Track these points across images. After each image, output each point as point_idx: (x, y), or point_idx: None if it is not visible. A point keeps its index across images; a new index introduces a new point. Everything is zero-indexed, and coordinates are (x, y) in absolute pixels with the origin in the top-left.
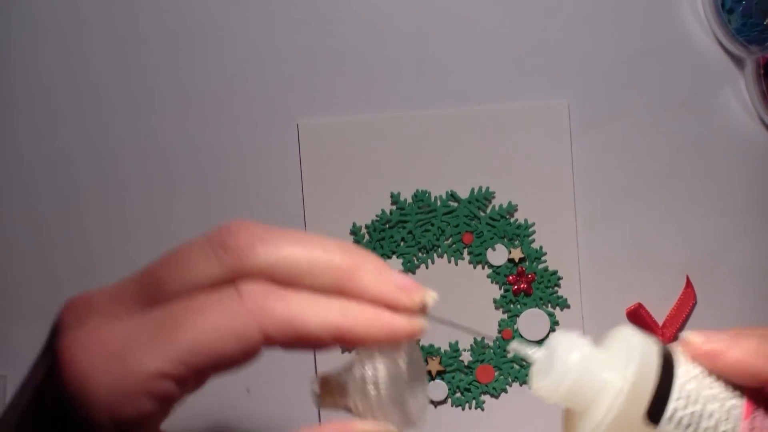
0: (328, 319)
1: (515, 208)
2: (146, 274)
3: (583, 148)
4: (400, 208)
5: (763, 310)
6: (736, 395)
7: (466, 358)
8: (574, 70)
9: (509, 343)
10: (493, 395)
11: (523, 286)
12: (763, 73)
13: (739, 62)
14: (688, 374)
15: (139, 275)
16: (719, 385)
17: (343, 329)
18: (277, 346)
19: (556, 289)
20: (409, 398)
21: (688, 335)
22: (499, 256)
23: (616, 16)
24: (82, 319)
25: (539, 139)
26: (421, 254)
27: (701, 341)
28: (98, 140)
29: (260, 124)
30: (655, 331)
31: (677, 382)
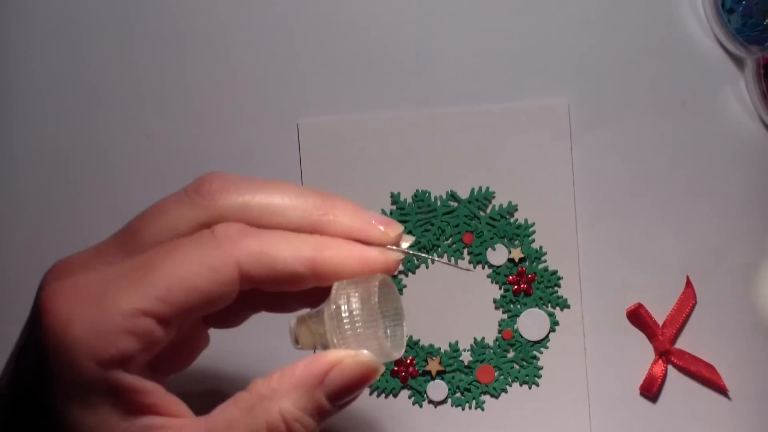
0: (301, 251)
1: (515, 208)
2: (125, 228)
3: (583, 148)
4: (400, 208)
5: (763, 310)
6: None
7: (466, 358)
8: (574, 70)
9: (509, 343)
10: (493, 395)
11: (523, 286)
12: (763, 73)
13: (739, 62)
14: None
15: (119, 231)
16: None
17: (317, 261)
18: (255, 284)
19: (556, 289)
20: (384, 331)
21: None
22: (499, 256)
23: (616, 16)
24: (63, 275)
25: (539, 139)
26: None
27: None
28: (98, 140)
29: (260, 124)
30: (655, 331)
31: None
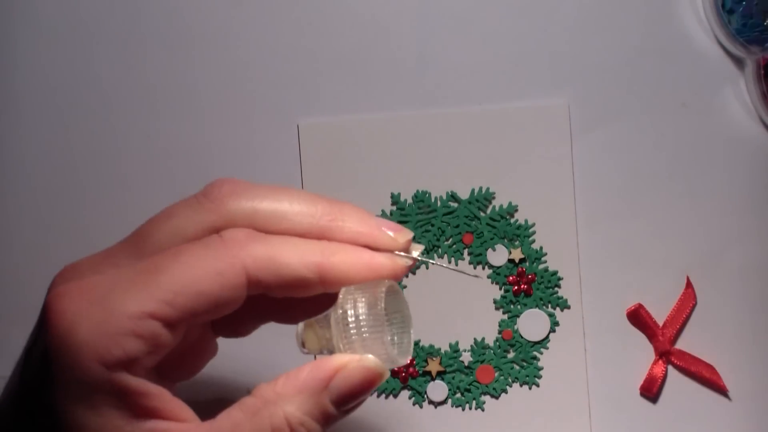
0: (308, 257)
1: (515, 208)
2: (135, 232)
3: (583, 148)
4: (400, 208)
5: (763, 310)
6: None
7: (466, 358)
8: (574, 70)
9: (510, 343)
10: (493, 396)
11: (523, 286)
12: (763, 73)
13: (739, 62)
14: None
15: (128, 235)
16: None
17: (324, 266)
18: (262, 289)
19: (556, 289)
20: (390, 337)
21: None
22: (499, 256)
23: (616, 16)
24: (71, 277)
25: (539, 139)
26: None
27: None
28: (98, 140)
29: (260, 124)
30: (655, 331)
31: None
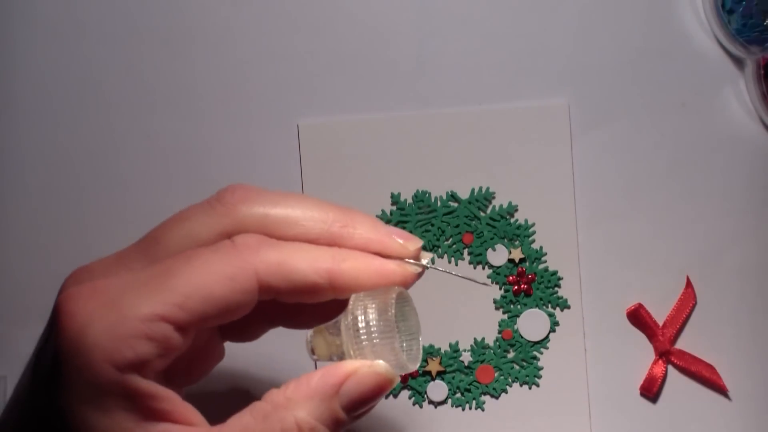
0: (319, 263)
1: (515, 208)
2: (147, 235)
3: (583, 148)
4: (400, 208)
5: (762, 310)
6: None
7: (466, 358)
8: (574, 70)
9: (510, 343)
10: (493, 396)
11: (523, 286)
12: (763, 73)
13: (739, 63)
14: None
15: (140, 238)
16: None
17: (335, 273)
18: (273, 294)
19: (556, 289)
20: (400, 343)
21: None
22: (499, 256)
23: (615, 16)
24: (83, 279)
25: (539, 139)
26: None
27: None
28: (98, 140)
29: (260, 124)
30: (655, 331)
31: None
